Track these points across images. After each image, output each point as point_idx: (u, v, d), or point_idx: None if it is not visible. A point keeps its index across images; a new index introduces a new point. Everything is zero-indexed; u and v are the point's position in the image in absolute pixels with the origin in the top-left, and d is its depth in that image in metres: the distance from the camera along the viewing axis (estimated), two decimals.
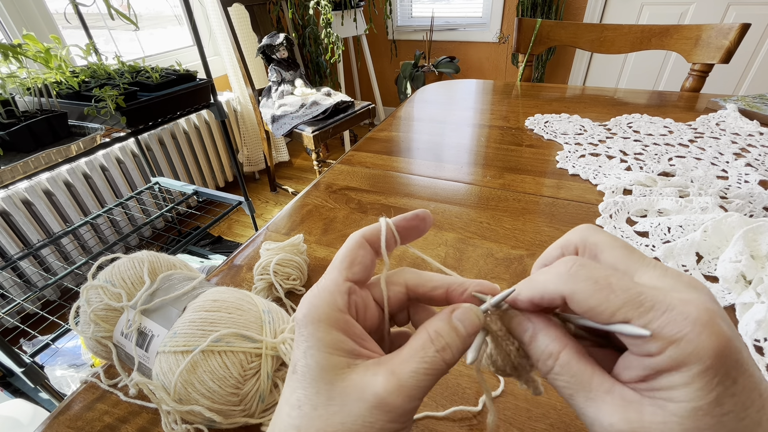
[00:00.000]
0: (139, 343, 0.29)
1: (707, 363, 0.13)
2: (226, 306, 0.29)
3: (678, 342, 0.13)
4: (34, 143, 0.85)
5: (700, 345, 0.13)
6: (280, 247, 0.42)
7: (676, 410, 0.13)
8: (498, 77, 2.60)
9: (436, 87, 1.08)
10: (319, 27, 2.00)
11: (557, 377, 0.16)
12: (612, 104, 0.88)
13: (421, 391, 0.16)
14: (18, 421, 0.85)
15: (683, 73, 2.02)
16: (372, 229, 0.20)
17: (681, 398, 0.13)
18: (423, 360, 0.16)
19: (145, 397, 0.33)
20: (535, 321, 0.17)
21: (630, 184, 0.55)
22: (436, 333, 0.17)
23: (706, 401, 0.13)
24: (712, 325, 0.13)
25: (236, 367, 0.26)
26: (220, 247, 1.70)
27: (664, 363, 0.13)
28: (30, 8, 1.33)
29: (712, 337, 0.13)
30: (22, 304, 1.19)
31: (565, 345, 0.16)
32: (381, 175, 0.64)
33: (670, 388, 0.13)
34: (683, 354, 0.13)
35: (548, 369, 0.16)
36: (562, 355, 0.16)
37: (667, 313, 0.13)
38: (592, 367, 0.16)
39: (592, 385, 0.15)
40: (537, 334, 0.17)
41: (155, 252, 0.35)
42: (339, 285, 0.18)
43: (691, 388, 0.13)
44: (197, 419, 0.27)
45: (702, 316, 0.13)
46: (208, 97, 1.23)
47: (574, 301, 0.15)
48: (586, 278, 0.15)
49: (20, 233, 1.30)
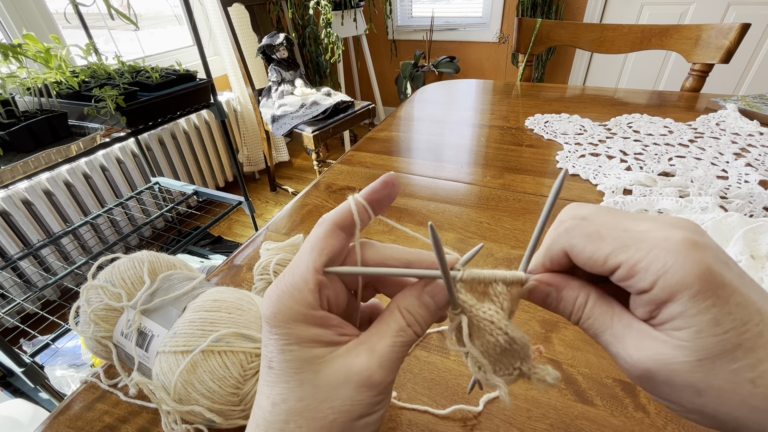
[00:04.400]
0: (139, 343, 0.29)
1: (694, 288, 0.14)
2: (226, 306, 0.29)
3: (664, 274, 0.14)
4: (34, 143, 0.85)
5: (685, 274, 0.14)
6: (280, 247, 0.42)
7: (682, 336, 0.14)
8: (498, 77, 2.60)
9: (436, 87, 1.08)
10: (319, 27, 2.00)
11: (585, 322, 0.18)
12: (612, 104, 0.88)
13: (398, 362, 0.18)
14: (18, 421, 0.85)
15: (683, 73, 2.02)
16: (343, 212, 0.19)
17: (683, 326, 0.14)
18: (397, 335, 0.17)
19: (145, 397, 0.33)
20: (554, 281, 0.19)
21: (630, 184, 0.55)
22: (406, 310, 0.18)
23: (705, 323, 0.14)
24: (693, 254, 0.14)
25: (236, 367, 0.26)
26: (220, 247, 1.70)
27: (657, 296, 0.15)
28: (30, 8, 1.33)
29: (694, 265, 0.14)
30: (22, 304, 1.19)
31: (588, 293, 0.18)
32: (381, 175, 0.64)
33: (672, 318, 0.15)
34: (671, 284, 0.14)
35: (578, 318, 0.18)
36: (589, 301, 0.18)
37: (652, 251, 0.15)
38: (613, 308, 0.17)
39: (614, 323, 0.17)
40: (561, 291, 0.18)
41: (155, 252, 0.35)
42: (309, 282, 0.17)
43: (688, 314, 0.14)
44: (197, 419, 0.27)
45: (682, 248, 0.14)
46: (208, 97, 1.23)
47: (574, 254, 0.17)
48: (580, 233, 0.17)
49: (20, 233, 1.30)
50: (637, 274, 0.15)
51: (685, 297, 0.14)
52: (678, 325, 0.15)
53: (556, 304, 0.18)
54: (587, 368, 0.33)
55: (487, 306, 0.18)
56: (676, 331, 0.15)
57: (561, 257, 0.18)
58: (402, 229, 0.21)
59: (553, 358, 0.34)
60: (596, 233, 0.16)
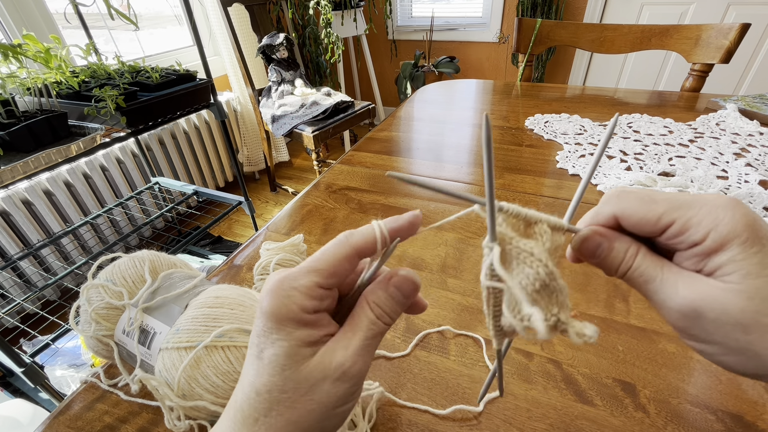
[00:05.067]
0: (141, 340, 0.29)
1: (743, 236, 0.16)
2: (228, 302, 0.29)
3: (716, 227, 0.16)
4: (34, 143, 0.85)
5: (735, 224, 0.16)
6: (280, 247, 0.42)
7: (733, 279, 0.16)
8: (498, 77, 2.60)
9: (436, 87, 1.08)
10: (319, 27, 2.00)
11: (635, 271, 0.19)
12: (612, 104, 0.88)
13: (371, 352, 0.19)
14: (18, 421, 0.85)
15: (683, 73, 2.02)
16: (365, 239, 0.19)
17: (732, 270, 0.16)
18: (368, 328, 0.19)
19: (147, 395, 0.33)
20: (605, 233, 0.20)
21: (630, 184, 0.55)
22: (375, 304, 0.19)
23: (753, 266, 0.16)
24: (740, 209, 0.16)
25: (240, 362, 0.27)
26: (220, 247, 1.70)
27: (709, 246, 0.17)
28: (30, 8, 1.33)
29: (743, 217, 0.16)
30: (22, 304, 1.19)
31: (638, 245, 0.19)
32: (381, 175, 0.64)
33: (721, 266, 0.16)
34: (722, 234, 0.16)
35: (628, 267, 0.19)
36: (639, 253, 0.19)
37: (704, 207, 0.17)
38: (662, 260, 0.19)
39: (664, 270, 0.18)
40: (613, 242, 0.20)
41: (156, 251, 0.35)
42: (312, 291, 0.18)
43: (737, 259, 0.16)
44: (201, 415, 0.27)
45: (731, 205, 0.17)
46: (208, 97, 1.23)
47: (625, 216, 0.19)
48: (633, 197, 0.19)
49: (20, 233, 1.30)
50: (690, 228, 0.17)
51: (735, 244, 0.16)
52: (728, 270, 0.16)
53: (606, 254, 0.20)
54: (587, 368, 0.33)
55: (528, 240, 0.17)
56: (726, 276, 0.16)
57: (609, 221, 0.20)
58: None
59: (553, 358, 0.34)
60: (648, 197, 0.18)
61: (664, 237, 0.18)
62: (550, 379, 0.32)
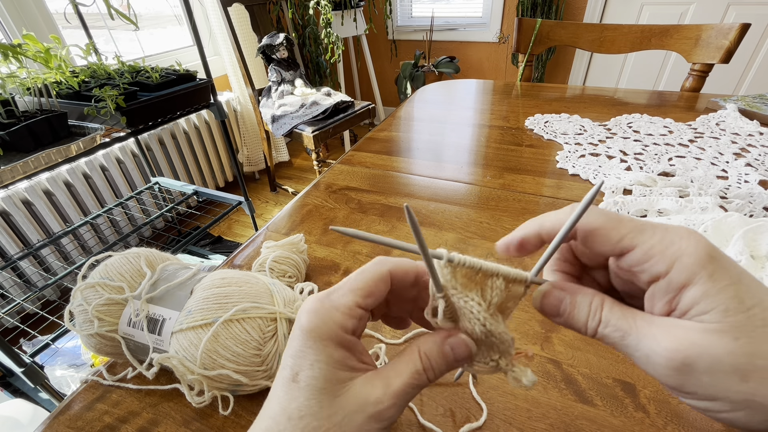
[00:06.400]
0: (151, 328, 0.31)
1: (710, 269, 0.15)
2: (235, 281, 0.31)
3: (681, 257, 0.15)
4: (34, 143, 0.85)
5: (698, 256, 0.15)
6: (280, 245, 0.42)
7: (711, 318, 0.15)
8: (498, 77, 2.60)
9: (436, 87, 1.08)
10: (319, 27, 2.00)
11: (605, 328, 0.17)
12: (612, 104, 0.88)
13: (408, 401, 0.18)
14: (18, 421, 0.85)
15: (683, 73, 2.02)
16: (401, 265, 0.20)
17: (708, 307, 0.15)
18: (412, 377, 0.18)
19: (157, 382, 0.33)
20: (565, 287, 0.19)
21: (630, 184, 0.55)
22: (425, 355, 0.19)
23: (729, 301, 0.14)
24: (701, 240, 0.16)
25: (256, 331, 0.29)
26: (220, 247, 1.70)
27: (676, 279, 0.15)
28: (30, 8, 1.33)
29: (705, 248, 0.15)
30: (22, 304, 1.19)
31: (602, 297, 0.18)
32: (381, 175, 0.64)
33: (695, 303, 0.15)
34: (688, 265, 0.15)
35: (596, 323, 0.18)
36: (605, 305, 0.18)
37: (667, 236, 0.16)
38: (630, 310, 0.17)
39: (637, 320, 0.17)
40: (575, 296, 0.18)
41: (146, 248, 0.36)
42: (352, 310, 0.18)
43: (711, 294, 0.15)
44: (223, 384, 0.29)
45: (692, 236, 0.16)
46: (208, 97, 1.23)
47: (587, 231, 0.18)
48: (599, 213, 0.18)
49: (20, 233, 1.30)
50: (653, 257, 0.16)
51: (704, 277, 0.15)
52: (703, 308, 0.15)
53: (570, 310, 0.18)
54: (587, 368, 0.33)
55: (472, 295, 0.18)
56: (703, 315, 0.15)
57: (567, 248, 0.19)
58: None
59: (553, 358, 0.34)
60: (615, 216, 0.17)
61: (627, 263, 0.17)
62: (550, 379, 0.32)
